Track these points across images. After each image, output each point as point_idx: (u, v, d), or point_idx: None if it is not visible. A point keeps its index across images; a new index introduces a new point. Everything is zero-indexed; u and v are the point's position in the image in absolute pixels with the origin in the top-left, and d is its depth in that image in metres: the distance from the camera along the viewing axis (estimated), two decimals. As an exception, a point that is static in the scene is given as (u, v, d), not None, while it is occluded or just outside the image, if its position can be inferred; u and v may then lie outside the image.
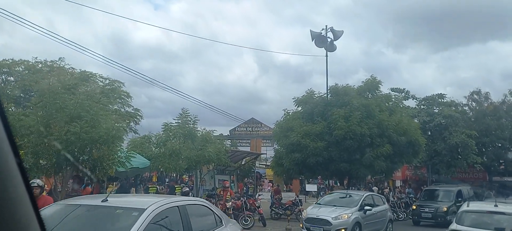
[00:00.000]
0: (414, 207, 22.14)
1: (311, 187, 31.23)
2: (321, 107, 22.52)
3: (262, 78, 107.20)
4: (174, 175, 24.47)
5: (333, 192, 19.78)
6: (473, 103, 36.54)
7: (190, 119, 15.90)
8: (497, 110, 33.69)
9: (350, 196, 16.51)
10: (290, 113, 23.63)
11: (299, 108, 23.79)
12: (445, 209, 20.13)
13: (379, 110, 21.27)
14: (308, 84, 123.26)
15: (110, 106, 26.94)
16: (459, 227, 8.98)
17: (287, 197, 22.59)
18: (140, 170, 13.22)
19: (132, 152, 11.51)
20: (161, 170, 17.60)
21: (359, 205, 15.10)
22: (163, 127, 16.14)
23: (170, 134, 15.81)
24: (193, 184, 18.60)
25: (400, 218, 22.77)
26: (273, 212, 20.94)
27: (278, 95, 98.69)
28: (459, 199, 20.17)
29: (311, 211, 15.28)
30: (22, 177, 1.13)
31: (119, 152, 10.31)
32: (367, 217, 15.07)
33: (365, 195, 16.38)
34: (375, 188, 26.18)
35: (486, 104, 35.56)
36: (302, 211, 20.53)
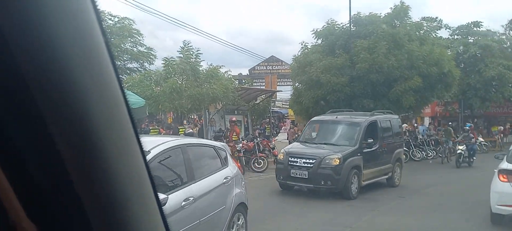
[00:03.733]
0: (281, 156, 11.72)
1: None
2: (343, 40, 20.48)
3: (288, 17, 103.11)
4: (193, 116, 23.21)
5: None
6: (511, 32, 33.42)
7: (192, 53, 14.21)
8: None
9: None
10: (309, 47, 21.69)
11: (319, 42, 21.82)
12: (336, 161, 10.46)
13: (408, 40, 19.08)
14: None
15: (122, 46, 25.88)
16: (510, 165, 7.33)
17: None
18: (134, 110, 11.78)
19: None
20: (171, 111, 16.24)
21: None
22: (163, 62, 14.58)
23: (171, 70, 14.25)
24: (201, 125, 17.21)
25: (429, 156, 21.12)
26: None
27: (304, 36, 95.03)
28: (370, 140, 11.40)
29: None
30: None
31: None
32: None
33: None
34: (404, 125, 24.38)
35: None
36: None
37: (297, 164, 10.70)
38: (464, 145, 17.73)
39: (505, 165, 7.46)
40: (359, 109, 20.33)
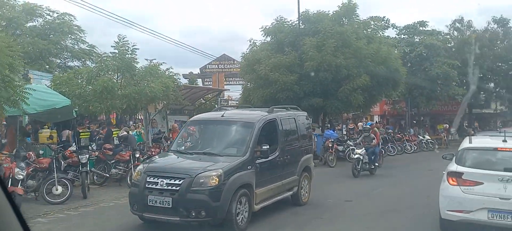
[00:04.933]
0: (137, 176, 7.96)
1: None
2: (292, 37, 19.99)
3: (245, 17, 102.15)
4: (140, 117, 21.74)
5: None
6: (455, 32, 34.52)
7: (127, 48, 13.02)
8: (480, 39, 31.71)
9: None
10: (258, 45, 21.06)
11: (268, 39, 21.23)
12: (215, 180, 7.22)
13: (356, 38, 18.87)
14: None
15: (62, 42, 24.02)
16: (460, 168, 6.89)
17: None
18: (59, 110, 10.52)
19: (28, 87, 8.70)
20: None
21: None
22: (95, 58, 13.25)
23: (103, 67, 12.97)
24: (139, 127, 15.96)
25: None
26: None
27: (259, 35, 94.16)
28: (265, 146, 8.18)
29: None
30: None
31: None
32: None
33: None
34: (360, 124, 24.25)
35: (468, 33, 33.55)
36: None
37: (157, 187, 7.12)
38: (364, 148, 14.36)
39: (454, 167, 7.02)
40: (308, 108, 19.89)
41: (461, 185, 6.74)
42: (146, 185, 7.23)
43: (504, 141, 7.09)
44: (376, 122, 36.07)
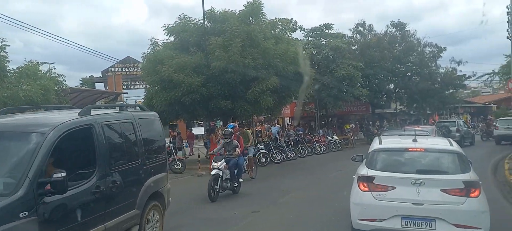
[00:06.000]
0: None
1: (198, 130, 28.11)
2: (197, 36, 18.83)
3: (153, 20, 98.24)
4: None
5: None
6: (358, 35, 35.92)
7: (-5, 45, 10.86)
8: (381, 42, 33.27)
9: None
10: (160, 44, 19.59)
11: (172, 38, 19.88)
12: None
13: (264, 38, 18.27)
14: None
15: None
16: (371, 171, 6.25)
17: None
18: None
19: None
20: None
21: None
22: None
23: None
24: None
25: (288, 157, 20.71)
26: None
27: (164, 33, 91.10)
28: (58, 175, 4.37)
29: None
30: None
31: None
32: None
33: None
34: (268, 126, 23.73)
35: (369, 37, 35.09)
36: (177, 159, 17.24)
37: None
38: (224, 160, 10.88)
39: (364, 170, 6.37)
40: (216, 111, 18.94)
41: (372, 191, 6.10)
42: None
43: (415, 140, 6.63)
44: (288, 124, 36.35)
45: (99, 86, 37.13)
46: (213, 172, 10.55)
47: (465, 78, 38.74)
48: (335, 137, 26.91)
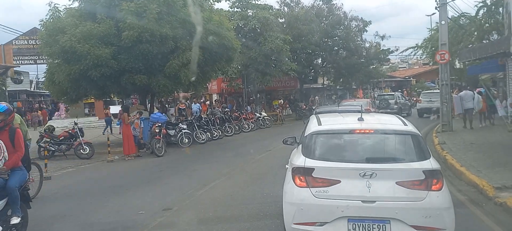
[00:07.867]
0: None
1: (116, 109, 25.50)
2: (106, 1, 16.30)
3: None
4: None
5: None
6: (286, 8, 34.81)
7: None
8: (308, 14, 32.41)
9: None
10: (61, 10, 16.85)
11: (76, 4, 17.25)
12: None
13: (183, 5, 16.25)
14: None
15: None
16: (309, 161, 4.78)
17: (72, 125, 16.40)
18: None
19: None
20: None
21: None
22: None
23: None
24: None
25: (214, 137, 19.14)
26: (41, 149, 14.66)
27: None
28: None
29: None
30: None
31: None
32: None
33: None
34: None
35: (297, 10, 34.11)
36: (84, 143, 14.98)
37: None
38: None
39: (301, 160, 4.89)
40: (130, 87, 16.80)
41: (312, 186, 4.67)
42: None
43: (361, 119, 5.28)
44: (215, 100, 34.63)
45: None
46: None
47: (389, 52, 39.50)
48: (264, 114, 25.78)
